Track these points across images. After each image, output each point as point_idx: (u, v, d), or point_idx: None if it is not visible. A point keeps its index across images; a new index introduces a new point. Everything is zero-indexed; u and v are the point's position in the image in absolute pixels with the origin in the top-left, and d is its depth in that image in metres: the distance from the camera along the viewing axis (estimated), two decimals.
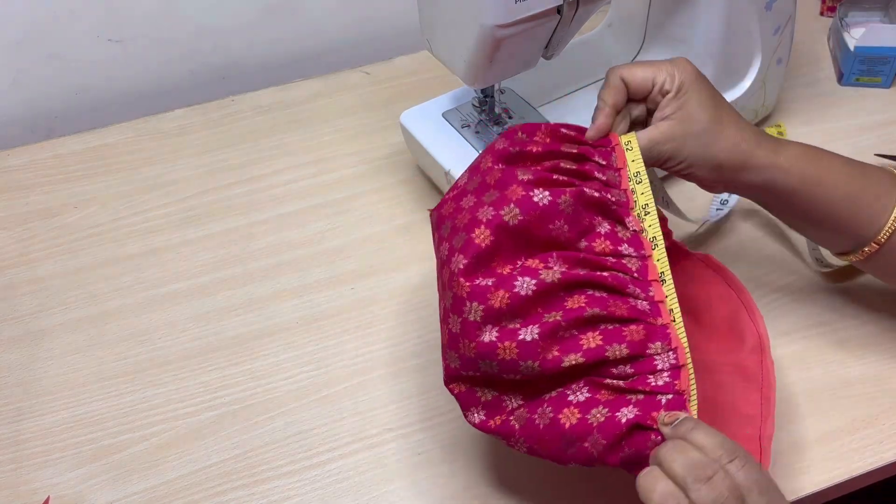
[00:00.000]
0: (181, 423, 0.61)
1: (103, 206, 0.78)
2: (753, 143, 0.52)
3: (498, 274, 0.47)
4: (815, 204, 0.53)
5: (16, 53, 0.85)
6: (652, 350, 0.45)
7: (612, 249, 0.48)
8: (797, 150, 0.53)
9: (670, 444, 0.41)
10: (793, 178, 0.52)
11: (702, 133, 0.52)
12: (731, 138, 0.52)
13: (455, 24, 0.60)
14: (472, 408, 0.49)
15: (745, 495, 0.39)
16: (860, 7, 0.88)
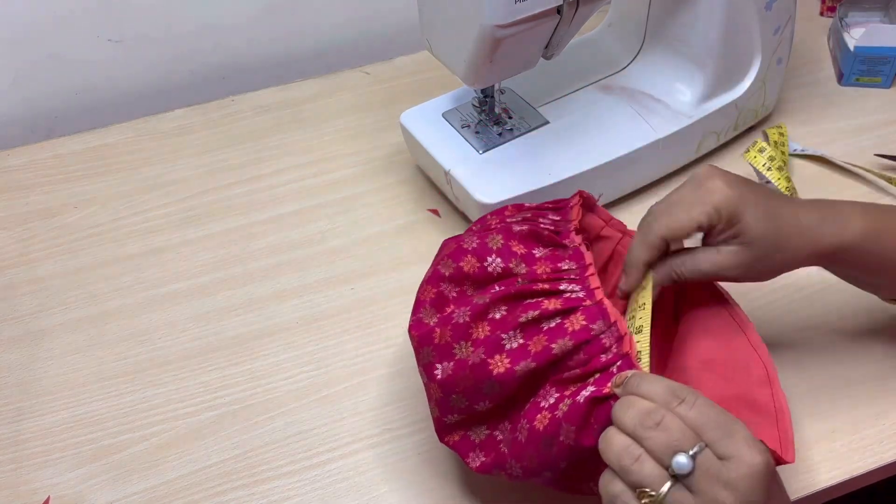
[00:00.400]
0: (181, 423, 0.61)
1: (103, 206, 0.78)
2: (817, 234, 0.50)
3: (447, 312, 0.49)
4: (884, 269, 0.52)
5: (16, 53, 0.85)
6: (596, 330, 0.46)
7: (553, 267, 0.49)
8: (860, 221, 0.50)
9: (620, 400, 0.42)
10: (862, 254, 0.51)
11: (767, 251, 0.49)
12: (795, 240, 0.50)
13: (455, 24, 0.60)
14: (470, 454, 0.50)
15: (701, 434, 0.39)
16: (860, 7, 0.88)
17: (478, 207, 0.66)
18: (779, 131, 0.78)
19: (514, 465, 0.48)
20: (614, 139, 0.70)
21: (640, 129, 0.71)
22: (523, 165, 0.68)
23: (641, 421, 0.39)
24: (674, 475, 0.38)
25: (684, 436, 0.38)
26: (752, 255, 0.49)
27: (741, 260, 0.49)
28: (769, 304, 0.65)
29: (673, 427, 0.39)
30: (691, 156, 0.76)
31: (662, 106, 0.73)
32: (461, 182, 0.67)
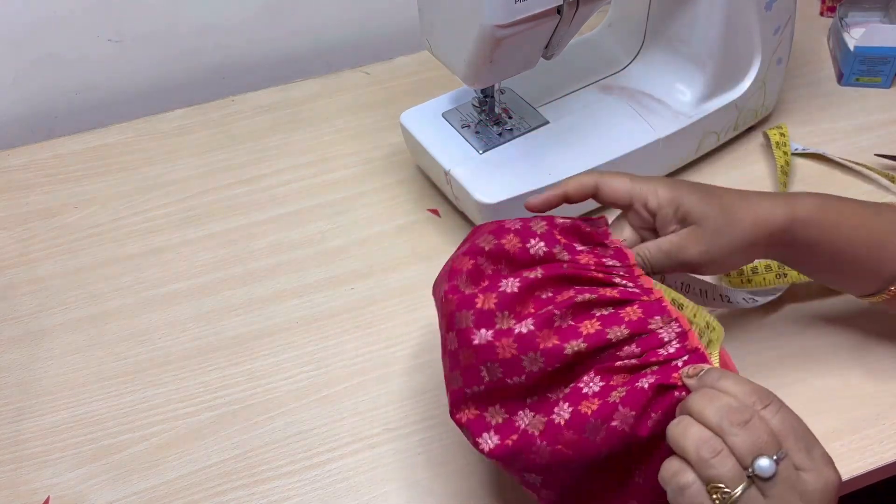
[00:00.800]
0: (181, 423, 0.61)
1: (103, 206, 0.78)
2: (768, 209, 0.51)
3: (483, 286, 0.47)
4: (838, 250, 0.52)
5: (16, 53, 0.85)
6: (654, 325, 0.45)
7: (598, 261, 0.48)
8: (810, 199, 0.52)
9: (700, 392, 0.41)
10: (814, 230, 0.52)
11: (720, 225, 0.50)
12: (747, 217, 0.51)
13: (455, 25, 0.60)
14: (483, 434, 0.47)
15: (782, 441, 0.38)
16: (860, 7, 0.88)
17: (478, 207, 0.66)
18: (779, 132, 0.78)
19: (542, 448, 0.45)
20: (614, 139, 0.70)
21: (640, 128, 0.71)
22: (523, 165, 0.68)
23: (728, 416, 0.39)
24: (750, 476, 0.38)
25: (770, 439, 0.38)
26: (706, 232, 0.50)
27: (697, 237, 0.50)
28: (769, 304, 0.65)
29: (760, 429, 0.38)
30: (691, 156, 0.76)
31: (662, 106, 0.73)
32: (461, 182, 0.67)
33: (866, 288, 0.55)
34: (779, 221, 0.51)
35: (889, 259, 0.53)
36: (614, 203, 0.52)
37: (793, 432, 0.39)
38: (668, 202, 0.50)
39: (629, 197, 0.51)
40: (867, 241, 0.52)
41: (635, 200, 0.51)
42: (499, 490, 0.56)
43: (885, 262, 0.53)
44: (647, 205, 0.51)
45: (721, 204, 0.51)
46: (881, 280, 0.54)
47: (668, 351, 0.44)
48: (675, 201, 0.50)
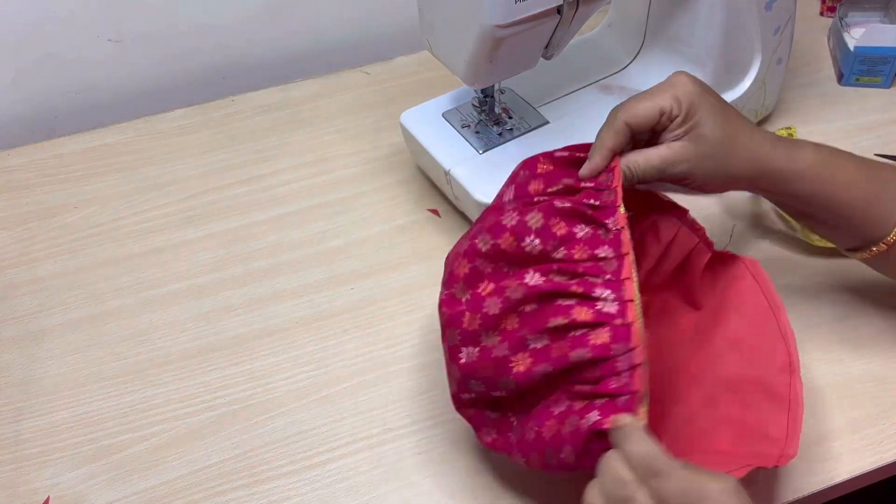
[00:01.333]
0: (181, 423, 0.61)
1: (103, 206, 0.78)
2: (768, 153, 0.52)
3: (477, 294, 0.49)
4: (829, 206, 0.54)
5: (16, 53, 0.85)
6: (614, 351, 0.46)
7: (590, 254, 0.49)
8: (812, 154, 0.53)
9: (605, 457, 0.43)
10: (808, 184, 0.53)
11: (716, 152, 0.51)
12: (745, 152, 0.52)
13: (455, 25, 0.60)
14: (483, 428, 0.51)
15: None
16: (860, 7, 0.88)
17: (478, 207, 0.66)
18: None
19: (517, 457, 0.49)
20: None
21: None
22: None
23: (615, 490, 0.42)
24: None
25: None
26: (701, 151, 0.51)
27: (689, 154, 0.51)
28: None
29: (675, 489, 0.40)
30: None
31: None
32: (461, 182, 0.67)
33: (851, 243, 0.56)
34: (774, 167, 0.52)
35: (879, 221, 0.54)
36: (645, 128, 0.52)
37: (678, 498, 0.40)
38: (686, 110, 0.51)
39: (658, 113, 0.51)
40: (859, 200, 0.53)
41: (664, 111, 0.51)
42: (499, 490, 0.56)
43: (875, 222, 0.54)
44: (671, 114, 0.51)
45: (727, 131, 0.51)
46: (868, 238, 0.55)
47: (617, 384, 0.45)
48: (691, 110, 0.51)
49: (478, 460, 0.58)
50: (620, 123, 0.51)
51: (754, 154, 0.52)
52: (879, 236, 0.54)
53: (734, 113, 0.53)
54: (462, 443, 0.59)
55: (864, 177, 0.54)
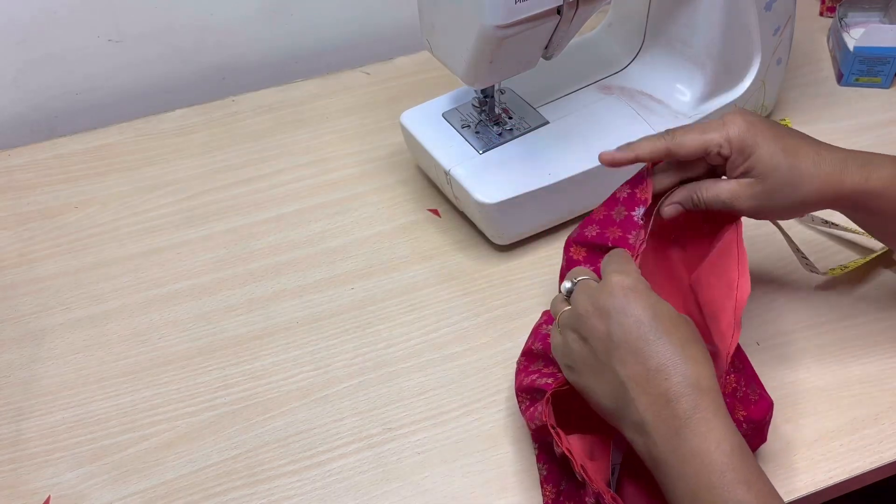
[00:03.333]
0: (181, 423, 0.61)
1: (104, 206, 0.79)
2: (839, 176, 0.51)
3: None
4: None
5: (16, 53, 0.85)
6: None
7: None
8: (887, 170, 0.51)
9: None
10: (886, 202, 0.51)
11: (782, 185, 0.51)
12: (814, 180, 0.51)
13: (455, 25, 0.60)
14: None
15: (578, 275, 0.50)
16: (860, 7, 0.88)
17: (478, 207, 0.66)
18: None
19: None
20: (614, 139, 0.69)
21: (640, 129, 0.71)
22: (523, 165, 0.68)
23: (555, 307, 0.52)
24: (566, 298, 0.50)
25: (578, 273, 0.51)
26: (767, 188, 0.51)
27: (755, 191, 0.51)
28: (769, 304, 0.65)
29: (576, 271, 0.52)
30: None
31: (662, 106, 0.73)
32: (461, 182, 0.67)
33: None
34: (846, 190, 0.51)
35: None
36: (689, 159, 0.53)
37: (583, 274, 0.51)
38: (739, 150, 0.51)
39: (704, 149, 0.52)
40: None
41: (710, 150, 0.52)
42: (499, 490, 0.56)
43: None
44: (721, 151, 0.51)
45: (790, 162, 0.50)
46: None
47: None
48: (746, 151, 0.51)
49: (478, 460, 0.58)
50: (661, 145, 0.53)
51: (823, 180, 0.51)
52: None
53: (795, 140, 0.52)
54: (462, 443, 0.59)
55: None
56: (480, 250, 0.72)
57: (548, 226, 0.72)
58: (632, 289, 0.46)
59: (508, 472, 0.57)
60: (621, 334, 0.45)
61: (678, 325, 0.45)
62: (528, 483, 0.56)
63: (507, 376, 0.62)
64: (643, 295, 0.46)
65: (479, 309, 0.67)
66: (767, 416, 0.52)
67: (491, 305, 0.67)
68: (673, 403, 0.43)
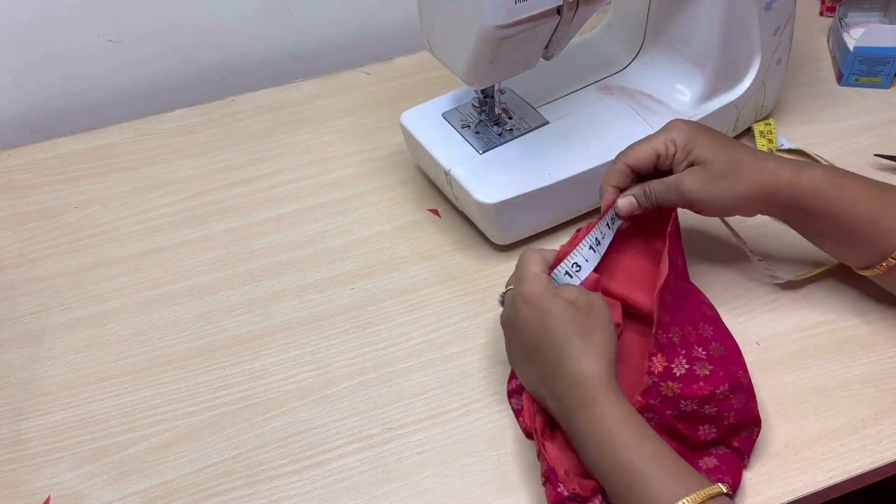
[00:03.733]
0: (181, 423, 0.61)
1: (104, 205, 0.79)
2: (774, 171, 0.56)
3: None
4: (837, 223, 0.57)
5: (16, 53, 0.85)
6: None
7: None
8: (819, 173, 0.56)
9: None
10: (816, 200, 0.56)
11: (722, 173, 0.56)
12: (752, 172, 0.56)
13: (455, 25, 0.60)
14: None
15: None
16: (860, 7, 0.88)
17: (478, 207, 0.66)
18: (767, 127, 0.79)
19: None
20: (614, 139, 0.70)
21: (640, 129, 0.71)
22: (523, 165, 0.68)
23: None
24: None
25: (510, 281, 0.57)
26: (710, 174, 0.56)
27: (699, 177, 0.56)
28: (769, 304, 0.65)
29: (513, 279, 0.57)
30: None
31: (662, 106, 0.73)
32: (461, 182, 0.67)
33: (863, 260, 0.59)
34: (781, 185, 0.56)
35: (886, 238, 0.56)
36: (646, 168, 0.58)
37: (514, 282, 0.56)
38: (682, 146, 0.56)
39: (654, 153, 0.57)
40: (866, 216, 0.56)
41: (659, 152, 0.57)
42: (499, 490, 0.56)
43: (882, 235, 0.56)
44: (667, 151, 0.57)
45: (731, 156, 0.56)
46: (877, 254, 0.57)
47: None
48: (687, 146, 0.56)
49: (477, 460, 0.58)
50: (621, 164, 0.58)
51: (760, 173, 0.56)
52: (887, 251, 0.56)
53: (734, 142, 0.58)
54: (462, 443, 0.59)
55: (872, 195, 0.56)
56: (480, 250, 0.72)
57: (548, 226, 0.72)
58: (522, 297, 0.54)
59: (508, 472, 0.57)
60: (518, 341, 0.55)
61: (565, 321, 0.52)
62: (528, 483, 0.56)
63: (506, 376, 0.62)
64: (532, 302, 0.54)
65: (479, 309, 0.67)
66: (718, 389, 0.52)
67: (491, 305, 0.67)
68: (563, 400, 0.51)
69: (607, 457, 0.48)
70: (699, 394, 0.52)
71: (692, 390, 0.52)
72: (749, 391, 0.54)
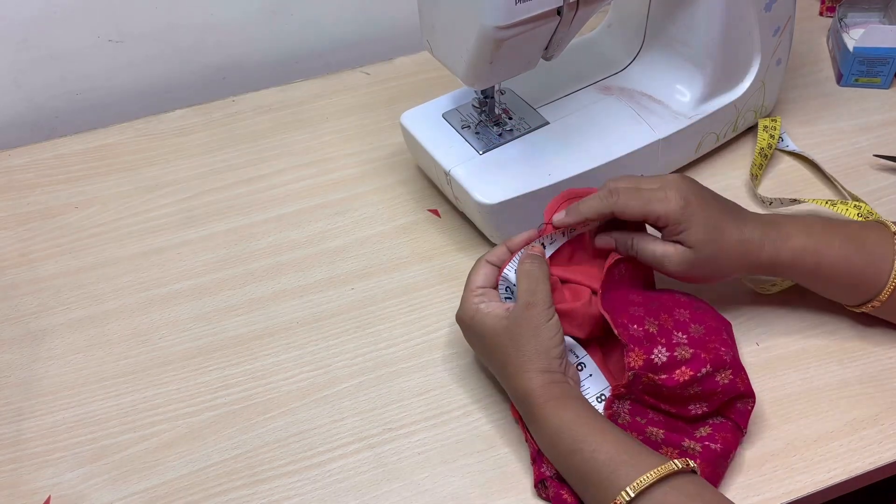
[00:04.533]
0: (181, 423, 0.61)
1: (104, 205, 0.79)
2: (756, 250, 0.57)
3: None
4: (821, 283, 0.60)
5: (16, 53, 0.85)
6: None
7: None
8: (800, 241, 0.58)
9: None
10: (796, 270, 0.59)
11: (709, 258, 0.57)
12: (735, 254, 0.57)
13: (455, 26, 0.60)
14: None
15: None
16: (859, 8, 0.88)
17: (478, 208, 0.66)
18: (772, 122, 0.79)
19: None
20: (614, 140, 0.70)
21: (640, 129, 0.71)
22: (523, 166, 0.68)
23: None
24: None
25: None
26: (695, 258, 0.56)
27: (685, 258, 0.57)
28: (769, 304, 0.65)
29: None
30: (691, 156, 0.76)
31: (662, 106, 0.73)
32: (461, 182, 0.67)
33: (847, 302, 0.61)
34: (763, 261, 0.58)
35: (868, 286, 0.58)
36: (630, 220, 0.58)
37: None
38: (675, 223, 0.56)
39: (643, 217, 0.57)
40: (847, 277, 0.58)
41: (648, 219, 0.57)
42: (499, 490, 0.56)
43: (865, 286, 0.59)
44: (657, 223, 0.57)
45: (717, 240, 0.56)
46: (861, 299, 0.60)
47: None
48: (678, 227, 0.56)
49: (478, 460, 0.58)
50: (606, 208, 0.57)
51: (743, 254, 0.57)
52: (873, 295, 0.59)
53: (723, 217, 0.57)
54: (462, 443, 0.59)
55: (851, 251, 0.58)
56: (480, 250, 0.72)
57: None
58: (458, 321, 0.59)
59: (508, 472, 0.57)
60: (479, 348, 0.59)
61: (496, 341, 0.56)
62: (528, 483, 0.56)
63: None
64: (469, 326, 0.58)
65: None
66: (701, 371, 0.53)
67: None
68: (521, 402, 0.55)
69: (560, 460, 0.53)
70: (679, 380, 0.53)
71: (673, 379, 0.53)
72: (735, 366, 0.54)
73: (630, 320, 0.55)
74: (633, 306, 0.56)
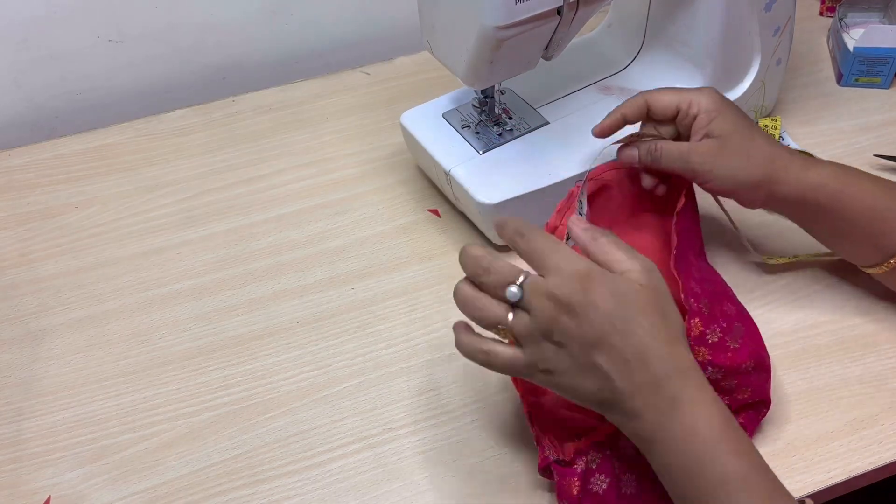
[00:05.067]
0: (181, 423, 0.61)
1: (104, 206, 0.79)
2: (786, 160, 0.56)
3: None
4: (842, 218, 0.57)
5: (16, 53, 0.85)
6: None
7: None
8: (827, 167, 0.57)
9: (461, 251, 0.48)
10: (821, 194, 0.56)
11: (735, 152, 0.55)
12: (763, 156, 0.56)
13: (455, 26, 0.60)
14: None
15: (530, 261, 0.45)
16: (859, 8, 0.88)
17: (478, 207, 0.66)
18: (773, 122, 0.79)
19: None
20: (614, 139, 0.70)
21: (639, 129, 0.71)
22: (523, 166, 0.68)
23: (474, 268, 0.45)
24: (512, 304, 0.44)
25: (511, 271, 0.44)
26: (722, 150, 0.55)
27: (712, 149, 0.56)
28: (769, 304, 0.65)
29: (500, 267, 0.44)
30: None
31: None
32: (461, 182, 0.67)
33: (867, 258, 0.59)
34: (790, 176, 0.56)
35: (891, 230, 0.56)
36: (663, 115, 0.58)
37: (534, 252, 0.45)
38: (707, 111, 0.55)
39: (676, 106, 0.56)
40: (871, 212, 0.55)
41: (681, 107, 0.56)
42: (499, 490, 0.56)
43: (888, 232, 0.56)
44: (689, 110, 0.56)
45: (748, 137, 0.56)
46: (882, 252, 0.57)
47: None
48: (712, 113, 0.55)
49: (477, 460, 0.58)
50: (641, 99, 0.58)
51: (771, 157, 0.56)
52: (893, 250, 0.56)
53: (756, 127, 0.57)
54: (462, 443, 0.59)
55: (878, 190, 0.56)
56: None
57: None
58: (587, 276, 0.43)
59: (508, 472, 0.57)
60: (593, 330, 0.43)
61: (645, 299, 0.44)
62: (528, 483, 0.56)
63: (507, 376, 0.62)
64: (599, 280, 0.43)
65: None
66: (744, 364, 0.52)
67: None
68: (659, 389, 0.43)
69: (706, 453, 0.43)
70: (727, 364, 0.52)
71: (721, 359, 0.52)
72: (768, 371, 0.55)
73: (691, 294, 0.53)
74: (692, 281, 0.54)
